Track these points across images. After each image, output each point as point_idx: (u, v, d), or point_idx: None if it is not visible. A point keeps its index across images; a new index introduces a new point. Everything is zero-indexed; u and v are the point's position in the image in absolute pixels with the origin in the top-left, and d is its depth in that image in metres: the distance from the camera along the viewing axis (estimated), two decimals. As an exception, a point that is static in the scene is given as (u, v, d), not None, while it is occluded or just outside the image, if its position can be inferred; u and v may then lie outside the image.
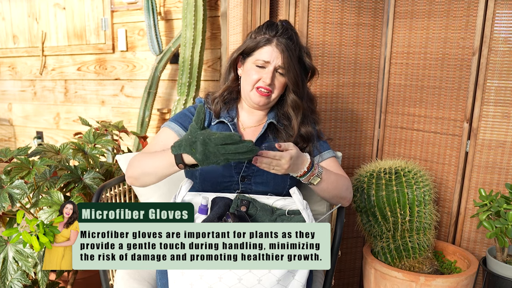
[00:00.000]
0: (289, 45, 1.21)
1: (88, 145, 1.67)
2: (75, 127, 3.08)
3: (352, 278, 1.98)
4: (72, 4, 2.89)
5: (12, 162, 1.48)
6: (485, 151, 1.60)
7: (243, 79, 1.27)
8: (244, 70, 1.27)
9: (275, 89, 1.24)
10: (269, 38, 1.22)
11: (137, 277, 1.26)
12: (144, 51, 2.66)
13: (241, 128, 1.31)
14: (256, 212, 1.14)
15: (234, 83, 1.31)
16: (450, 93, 1.66)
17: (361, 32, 1.76)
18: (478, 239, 1.65)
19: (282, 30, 1.23)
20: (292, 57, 1.21)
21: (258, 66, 1.22)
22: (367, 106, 1.84)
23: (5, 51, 3.29)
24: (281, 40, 1.21)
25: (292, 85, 1.24)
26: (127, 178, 1.20)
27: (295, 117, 1.27)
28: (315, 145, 1.30)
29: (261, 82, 1.22)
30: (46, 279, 1.46)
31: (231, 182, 1.23)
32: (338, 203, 1.24)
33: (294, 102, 1.27)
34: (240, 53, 1.27)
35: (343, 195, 1.23)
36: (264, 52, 1.21)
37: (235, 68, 1.31)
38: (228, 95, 1.31)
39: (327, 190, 1.19)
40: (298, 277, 0.99)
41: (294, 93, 1.26)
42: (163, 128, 1.28)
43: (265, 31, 1.24)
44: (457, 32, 1.61)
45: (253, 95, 1.24)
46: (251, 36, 1.27)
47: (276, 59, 1.21)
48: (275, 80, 1.23)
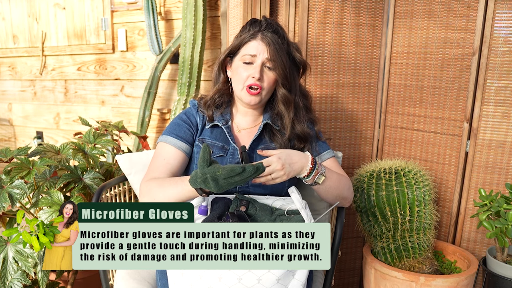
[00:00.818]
0: (275, 38, 1.20)
1: (88, 145, 1.67)
2: (75, 127, 3.08)
3: (352, 278, 1.98)
4: (72, 4, 2.89)
5: (12, 162, 1.48)
6: (485, 151, 1.60)
7: (233, 79, 1.26)
8: (232, 70, 1.26)
9: (265, 85, 1.21)
10: (254, 33, 1.21)
11: (137, 277, 1.26)
12: (144, 51, 2.66)
13: (235, 130, 1.29)
14: (255, 212, 1.14)
15: (224, 85, 1.30)
16: (450, 93, 1.66)
17: (361, 32, 1.76)
18: (478, 239, 1.65)
19: (266, 24, 1.22)
20: (279, 50, 1.20)
21: (245, 63, 1.20)
22: (367, 106, 1.84)
23: (5, 51, 3.29)
24: (266, 33, 1.20)
25: (281, 79, 1.21)
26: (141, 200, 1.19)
27: (287, 113, 1.25)
28: (314, 146, 1.28)
29: (251, 79, 1.19)
30: (46, 279, 1.46)
31: None
32: (339, 204, 1.24)
33: (284, 97, 1.24)
34: (227, 54, 1.26)
35: (345, 195, 1.23)
36: (250, 47, 1.20)
37: (224, 70, 1.30)
38: (219, 98, 1.29)
39: (330, 190, 1.18)
40: (298, 276, 0.99)
41: (283, 87, 1.23)
42: (160, 144, 1.25)
43: (249, 28, 1.23)
44: (457, 32, 1.61)
45: (244, 95, 1.22)
46: (236, 36, 1.26)
47: (262, 52, 1.19)
48: (264, 75, 1.20)
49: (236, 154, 1.22)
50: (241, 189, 1.22)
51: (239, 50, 1.23)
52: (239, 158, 1.22)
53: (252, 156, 1.23)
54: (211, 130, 1.27)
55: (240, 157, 1.21)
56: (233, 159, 1.22)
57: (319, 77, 1.75)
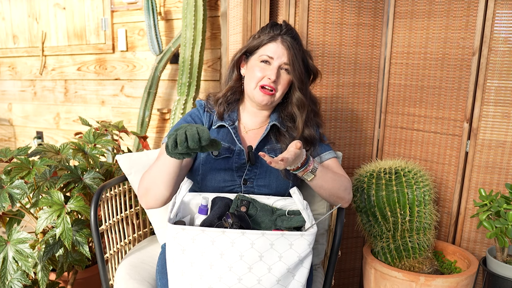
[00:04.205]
0: (294, 44, 1.22)
1: (88, 145, 1.67)
2: (75, 127, 3.08)
3: (352, 278, 1.98)
4: (72, 4, 2.89)
5: (12, 162, 1.48)
6: (485, 151, 1.60)
7: (247, 77, 1.26)
8: (248, 68, 1.27)
9: (279, 87, 1.23)
10: (274, 36, 1.22)
11: (137, 277, 1.26)
12: (144, 51, 2.66)
13: (242, 131, 1.29)
14: (256, 212, 1.14)
15: (237, 83, 1.31)
16: (450, 93, 1.65)
17: (361, 32, 1.76)
18: (478, 239, 1.65)
19: (286, 29, 1.24)
20: (297, 55, 1.22)
21: (262, 62, 1.22)
22: (367, 106, 1.84)
23: (5, 51, 3.29)
24: (286, 38, 1.22)
25: (298, 82, 1.24)
26: (140, 199, 1.20)
27: (300, 116, 1.26)
28: (316, 147, 1.29)
29: (266, 79, 1.21)
30: (46, 279, 1.46)
31: (234, 186, 1.23)
32: (336, 203, 1.24)
33: (299, 100, 1.26)
34: (244, 52, 1.27)
35: (340, 195, 1.23)
36: (269, 48, 1.22)
37: (238, 67, 1.31)
38: (231, 96, 1.30)
39: (322, 188, 1.18)
40: (298, 277, 0.99)
41: (300, 91, 1.25)
42: (164, 145, 1.25)
43: (269, 30, 1.24)
44: (457, 32, 1.61)
45: (256, 94, 1.23)
46: (254, 37, 1.27)
47: (282, 56, 1.21)
48: (279, 78, 1.22)
49: (242, 155, 1.23)
50: (245, 189, 1.22)
51: (257, 50, 1.24)
52: (245, 158, 1.22)
53: (258, 156, 1.23)
54: (218, 131, 1.27)
55: (246, 157, 1.22)
56: (239, 160, 1.22)
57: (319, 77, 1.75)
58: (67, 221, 1.39)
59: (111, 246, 1.39)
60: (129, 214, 1.49)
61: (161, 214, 1.46)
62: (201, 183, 1.23)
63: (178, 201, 1.07)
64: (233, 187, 1.23)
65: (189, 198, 1.18)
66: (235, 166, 1.22)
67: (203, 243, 0.95)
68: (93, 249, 1.70)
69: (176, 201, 1.07)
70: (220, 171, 1.22)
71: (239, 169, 1.22)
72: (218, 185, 1.22)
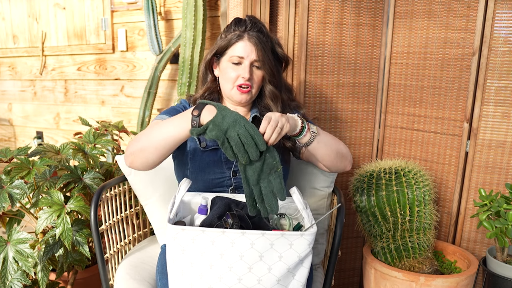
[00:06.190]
0: (261, 38, 1.23)
1: (88, 145, 1.67)
2: (75, 127, 3.08)
3: (352, 278, 1.98)
4: (72, 4, 2.89)
5: (12, 162, 1.48)
6: (485, 151, 1.60)
7: (221, 78, 1.27)
8: (220, 70, 1.28)
9: (254, 84, 1.24)
10: (240, 34, 1.22)
11: (137, 277, 1.26)
12: (144, 51, 2.66)
13: None
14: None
15: (213, 84, 1.32)
16: (450, 93, 1.65)
17: (361, 32, 1.76)
18: (478, 239, 1.65)
19: (251, 24, 1.24)
20: (266, 49, 1.23)
21: (234, 63, 1.23)
22: (367, 106, 1.84)
23: (5, 51, 3.29)
24: (252, 33, 1.22)
25: (269, 76, 1.25)
26: (126, 156, 1.12)
27: (275, 107, 1.28)
28: None
29: (240, 79, 1.22)
30: (46, 279, 1.46)
31: (223, 178, 1.23)
32: (341, 165, 1.25)
33: (271, 93, 1.28)
34: (214, 53, 1.28)
35: (343, 152, 1.24)
36: (238, 48, 1.22)
37: (211, 69, 1.32)
38: (209, 96, 1.31)
39: (327, 145, 1.19)
40: (298, 277, 0.99)
41: (271, 84, 1.27)
42: (156, 121, 1.19)
43: (235, 28, 1.24)
44: (457, 32, 1.61)
45: (234, 94, 1.25)
46: (221, 36, 1.28)
47: (251, 53, 1.21)
48: (253, 74, 1.23)
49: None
50: (235, 181, 1.23)
51: (226, 50, 1.25)
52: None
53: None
54: None
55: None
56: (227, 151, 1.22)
57: (319, 77, 1.75)
58: (67, 221, 1.39)
59: (111, 246, 1.39)
60: (129, 214, 1.49)
61: (161, 215, 1.46)
62: (190, 177, 1.23)
63: (177, 201, 1.07)
64: (223, 179, 1.23)
65: (189, 198, 1.18)
66: (224, 157, 1.22)
67: (203, 243, 0.95)
68: (93, 249, 1.70)
69: (176, 201, 1.07)
70: (209, 163, 1.22)
71: (228, 161, 1.23)
72: (208, 177, 1.22)
